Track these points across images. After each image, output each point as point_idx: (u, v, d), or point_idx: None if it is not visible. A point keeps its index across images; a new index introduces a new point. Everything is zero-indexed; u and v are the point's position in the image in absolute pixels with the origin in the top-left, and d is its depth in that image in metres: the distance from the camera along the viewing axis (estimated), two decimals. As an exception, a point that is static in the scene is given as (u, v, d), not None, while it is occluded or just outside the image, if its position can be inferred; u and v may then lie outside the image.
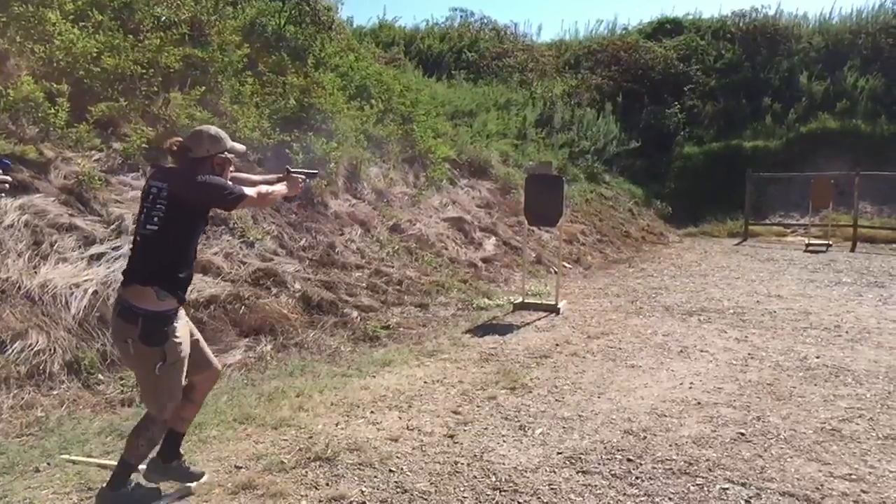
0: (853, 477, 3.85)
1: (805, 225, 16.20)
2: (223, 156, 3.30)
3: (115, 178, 7.00)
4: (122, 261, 5.98)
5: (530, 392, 5.24)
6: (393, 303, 7.79)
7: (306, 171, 3.78)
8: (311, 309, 6.96)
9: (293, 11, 11.49)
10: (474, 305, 8.24)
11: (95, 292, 5.51)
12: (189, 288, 3.39)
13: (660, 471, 3.88)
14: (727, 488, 3.68)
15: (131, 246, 3.33)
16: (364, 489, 3.53)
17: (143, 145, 7.28)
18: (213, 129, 3.31)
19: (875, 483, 3.78)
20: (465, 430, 4.41)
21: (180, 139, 3.30)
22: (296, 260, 7.67)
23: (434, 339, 6.76)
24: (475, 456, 4.00)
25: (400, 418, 4.58)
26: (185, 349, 3.21)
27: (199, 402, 3.59)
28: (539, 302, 8.41)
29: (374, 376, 5.51)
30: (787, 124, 18.58)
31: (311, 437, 4.14)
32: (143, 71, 7.88)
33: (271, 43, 10.89)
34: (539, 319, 7.75)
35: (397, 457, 3.93)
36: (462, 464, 3.88)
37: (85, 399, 4.68)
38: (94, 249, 5.98)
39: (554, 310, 8.10)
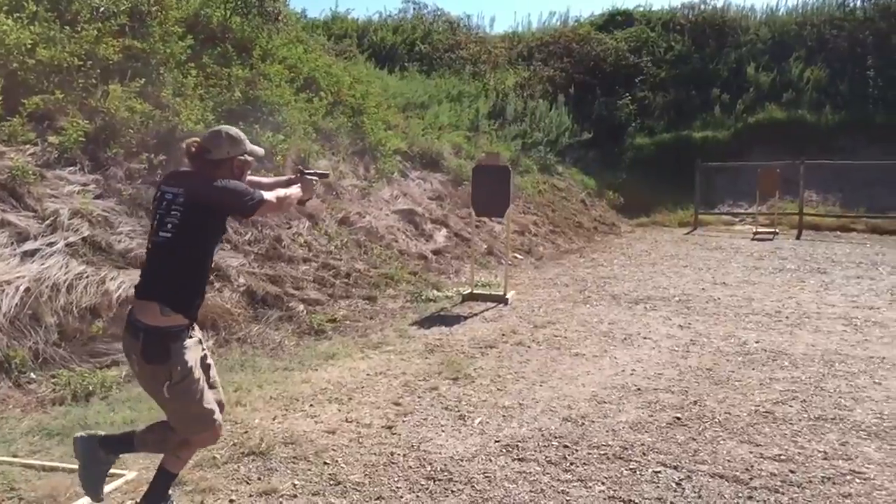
0: (782, 457, 3.93)
1: (753, 214, 16.50)
2: (243, 158, 3.07)
3: (50, 172, 6.82)
4: (57, 256, 5.86)
5: (473, 382, 5.24)
6: (340, 296, 7.74)
7: (318, 172, 3.63)
8: (255, 303, 6.88)
9: (239, 2, 11.31)
10: (423, 297, 8.23)
11: (28, 289, 5.36)
12: (200, 306, 3.09)
13: (595, 456, 3.92)
14: (659, 471, 3.74)
15: (145, 257, 3.09)
16: (296, 482, 3.50)
17: (81, 139, 7.10)
18: (233, 130, 3.08)
19: (803, 463, 3.86)
20: (404, 422, 4.40)
21: (198, 140, 3.06)
22: (241, 254, 7.57)
23: (380, 331, 6.74)
24: (412, 446, 4.00)
25: (339, 411, 4.56)
26: (195, 370, 2.94)
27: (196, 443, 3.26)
28: (487, 293, 8.43)
29: (317, 370, 5.46)
30: (736, 115, 18.88)
31: (246, 432, 4.09)
32: (81, 63, 7.69)
33: (217, 34, 10.71)
34: (487, 310, 7.77)
35: (333, 449, 3.91)
36: (398, 454, 3.87)
37: (15, 398, 4.56)
38: (28, 246, 5.82)
39: (502, 300, 8.13)
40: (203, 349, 3.11)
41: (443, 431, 4.25)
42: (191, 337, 2.97)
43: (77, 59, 7.66)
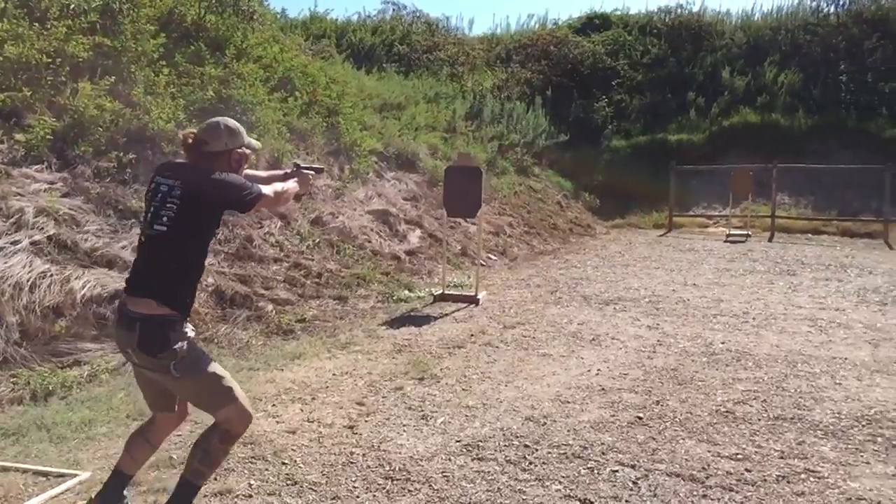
0: (739, 456, 3.98)
1: (726, 216, 16.65)
2: (241, 151, 2.99)
3: (16, 170, 6.74)
4: (20, 255, 5.79)
5: (438, 382, 5.25)
6: (311, 296, 7.72)
7: (315, 166, 3.57)
8: (224, 303, 6.85)
9: (213, 1, 11.25)
10: (395, 298, 8.23)
11: (-11, 288, 5.31)
12: (193, 302, 3.04)
13: (554, 455, 3.94)
14: (617, 470, 3.76)
15: (137, 250, 3.00)
16: (252, 482, 3.50)
17: (48, 136, 7.04)
18: (232, 122, 3.00)
19: (759, 462, 3.91)
20: (366, 421, 4.40)
21: (194, 131, 2.98)
22: (210, 253, 7.50)
23: (349, 331, 6.73)
24: (372, 446, 4.00)
25: (301, 410, 4.55)
26: (199, 346, 2.92)
27: (156, 444, 3.25)
28: (459, 293, 8.45)
29: (282, 369, 5.45)
30: (711, 118, 19.04)
31: (205, 432, 4.07)
32: (50, 60, 7.61)
33: (191, 33, 10.65)
34: (458, 311, 7.79)
35: (292, 449, 3.90)
36: (358, 454, 3.87)
37: (-27, 398, 4.51)
38: (-9, 244, 5.76)
39: (473, 300, 8.15)
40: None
41: (404, 431, 4.26)
42: (186, 330, 2.89)
43: (46, 57, 7.58)
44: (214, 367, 2.93)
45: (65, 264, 6.02)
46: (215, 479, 3.50)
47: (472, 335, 6.70)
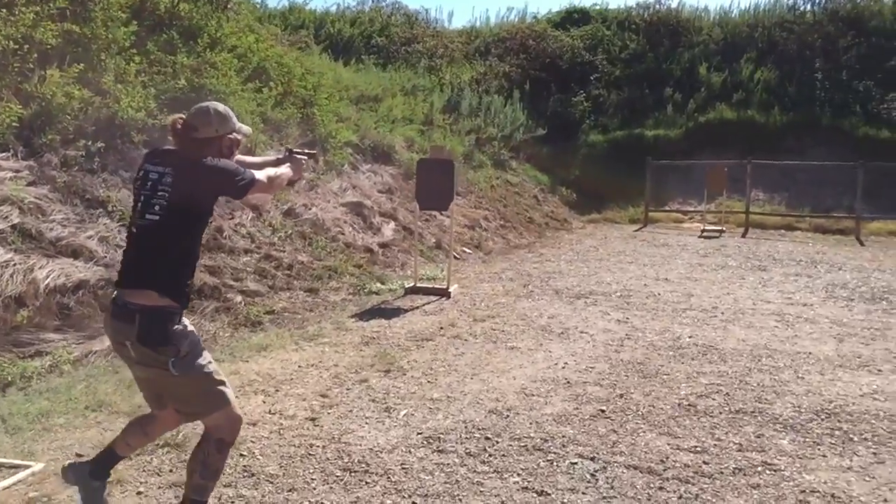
0: (698, 449, 4.01)
1: (701, 212, 16.76)
2: (232, 136, 2.91)
3: (-20, 157, 6.66)
4: (-17, 244, 5.72)
5: (404, 374, 5.25)
6: (281, 287, 7.68)
7: (307, 151, 3.49)
8: (192, 293, 6.79)
9: (187, -11, 11.14)
10: (366, 290, 8.21)
11: (-51, 277, 5.23)
12: (190, 292, 2.95)
13: (514, 448, 3.95)
14: (576, 462, 3.78)
15: (127, 241, 2.90)
16: (210, 474, 3.47)
17: (14, 124, 6.93)
18: (221, 107, 2.92)
19: (717, 454, 3.94)
20: (328, 413, 4.39)
21: (183, 117, 2.88)
22: (179, 244, 7.46)
23: (317, 323, 6.70)
24: (333, 438, 3.99)
25: (264, 402, 4.53)
26: (201, 343, 2.84)
27: (153, 436, 3.23)
28: (431, 286, 8.44)
29: (247, 361, 5.42)
30: (687, 114, 19.12)
31: (164, 423, 4.04)
32: (17, 47, 7.50)
33: (164, 21, 10.54)
34: (429, 303, 7.78)
35: (251, 441, 3.88)
36: (317, 446, 3.86)
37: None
38: (-48, 232, 5.68)
39: (445, 293, 8.15)
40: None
41: (366, 423, 4.25)
42: (184, 324, 2.82)
43: (13, 43, 7.47)
44: (211, 367, 2.85)
45: (29, 254, 5.94)
46: (171, 471, 3.48)
47: (441, 328, 6.70)
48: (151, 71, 9.24)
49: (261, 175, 2.94)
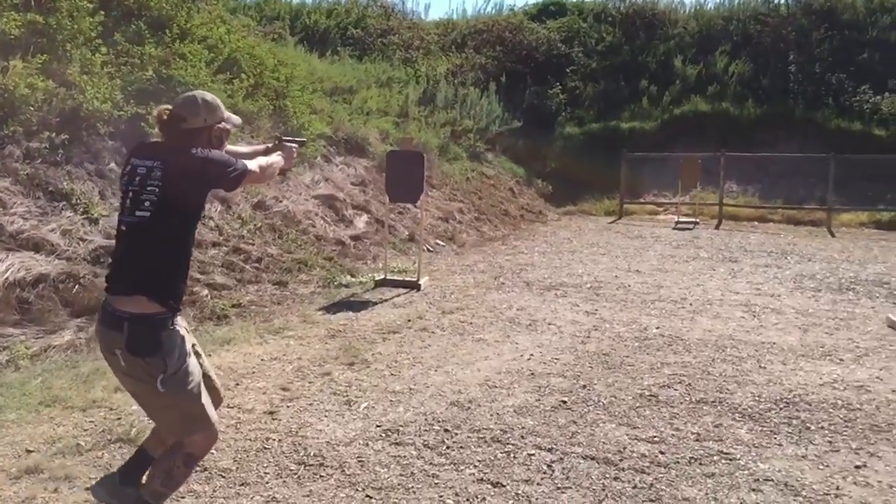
0: (656, 439, 4.02)
1: (676, 203, 16.84)
2: (221, 126, 2.80)
3: (-61, 150, 6.55)
4: (-62, 237, 5.62)
5: (368, 367, 5.23)
6: (249, 281, 7.62)
7: (297, 139, 3.39)
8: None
9: (156, -21, 10.99)
10: (336, 283, 8.17)
11: None
12: (184, 292, 2.81)
13: (473, 440, 3.94)
14: (533, 454, 3.78)
15: (116, 240, 2.75)
16: (161, 468, 3.43)
17: (-26, 115, 6.83)
18: (209, 96, 2.80)
19: (675, 444, 3.96)
20: (288, 407, 4.36)
21: (169, 107, 2.76)
22: (145, 237, 7.38)
23: (284, 316, 6.66)
24: (290, 432, 3.96)
25: (223, 396, 4.48)
26: (191, 357, 2.70)
27: None
28: (401, 279, 8.41)
29: (210, 355, 5.32)
30: (663, 106, 19.19)
31: (119, 419, 3.99)
32: (-22, 38, 7.39)
33: (132, 11, 10.41)
34: (398, 296, 7.76)
35: (207, 435, 3.84)
36: (273, 440, 3.83)
37: None
38: None
39: (415, 286, 8.13)
40: (192, 341, 2.85)
41: (326, 416, 4.23)
42: (176, 325, 2.68)
43: (-26, 34, 7.35)
44: (195, 381, 2.71)
45: (-13, 247, 5.85)
46: (122, 465, 3.44)
47: (409, 320, 6.68)
48: (118, 62, 9.12)
49: (253, 165, 2.85)
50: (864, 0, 20.21)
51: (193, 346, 2.86)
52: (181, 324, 2.73)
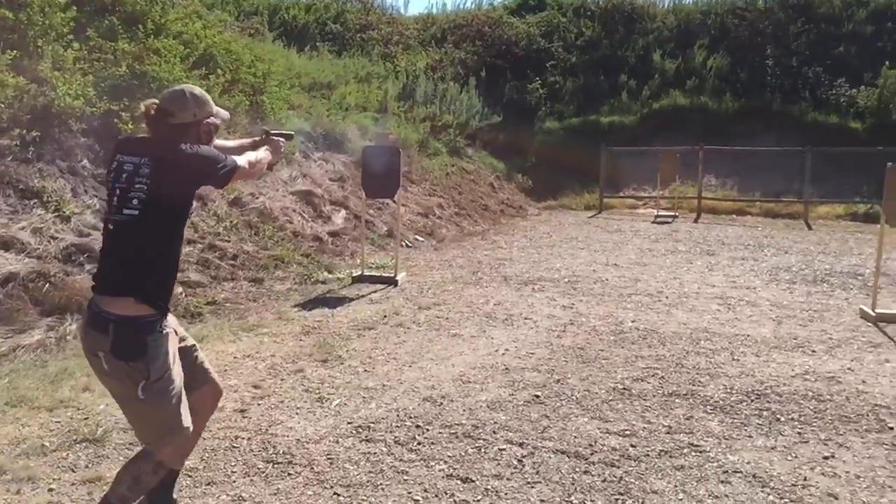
0: (627, 433, 4.03)
1: (655, 197, 16.91)
2: (210, 121, 2.75)
3: None
4: None
5: (342, 364, 5.20)
6: (225, 278, 7.57)
7: (284, 132, 3.36)
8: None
9: (130, -25, 10.88)
10: (312, 279, 8.13)
11: None
12: (171, 295, 2.75)
13: (444, 435, 3.93)
14: (504, 449, 3.78)
15: (103, 240, 2.68)
16: (127, 469, 3.40)
17: (-59, 112, 6.73)
18: (197, 90, 2.75)
19: (646, 437, 3.97)
20: (259, 405, 4.33)
21: (157, 102, 2.70)
22: (118, 235, 7.30)
23: (259, 313, 6.62)
24: (260, 430, 3.93)
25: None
26: (175, 365, 2.63)
27: (199, 430, 2.97)
28: (378, 274, 8.39)
29: (182, 353, 5.32)
30: (642, 100, 19.26)
31: (86, 419, 3.95)
32: (-55, 33, 7.27)
33: (106, 7, 10.30)
34: (375, 292, 7.73)
35: (175, 434, 3.81)
36: (243, 438, 3.80)
37: None
38: None
39: (392, 282, 8.10)
40: (182, 336, 2.81)
41: (297, 414, 4.20)
42: (166, 328, 2.62)
43: (-59, 30, 7.24)
44: (177, 388, 2.64)
45: (-46, 246, 5.77)
46: (87, 466, 3.40)
47: (384, 316, 6.65)
48: (91, 58, 9.02)
49: (242, 160, 2.80)
50: (840, -7, 20.37)
51: (185, 339, 2.83)
52: (171, 324, 2.68)
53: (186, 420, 2.71)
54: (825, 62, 18.64)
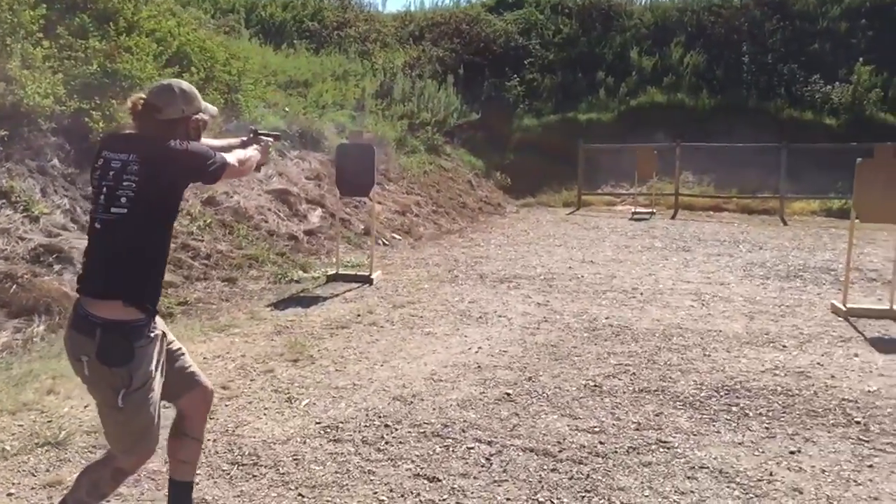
0: (597, 429, 4.03)
1: (633, 194, 16.97)
2: (199, 117, 2.67)
3: None
4: None
5: (313, 363, 5.17)
6: (198, 278, 7.50)
7: (272, 132, 3.29)
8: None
9: (101, -29, 10.75)
10: (287, 279, 8.07)
11: None
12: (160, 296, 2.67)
13: (413, 434, 3.91)
14: (473, 447, 3.76)
15: (89, 239, 2.60)
16: (89, 472, 3.35)
17: None
18: (185, 84, 2.68)
19: (615, 434, 3.97)
20: (226, 406, 4.28)
21: (143, 96, 2.61)
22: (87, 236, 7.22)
23: (231, 313, 6.56)
24: (226, 431, 3.90)
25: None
26: (157, 376, 2.56)
27: (200, 435, 2.90)
28: (353, 273, 8.35)
29: (151, 354, 5.26)
30: (619, 97, 19.35)
31: (49, 422, 3.89)
32: (-90, 31, 7.15)
33: (77, 4, 10.17)
34: (349, 291, 7.69)
35: (140, 436, 3.76)
36: (208, 440, 3.74)
37: None
38: None
39: (367, 280, 8.07)
40: (169, 339, 2.71)
41: (265, 414, 4.16)
42: (154, 330, 2.55)
43: None
44: (157, 408, 2.60)
45: (-82, 247, 5.68)
46: (47, 470, 3.35)
47: (358, 315, 6.62)
48: (61, 56, 8.91)
49: (231, 158, 2.73)
50: (814, -9, 20.55)
51: (172, 342, 2.75)
52: (159, 326, 2.61)
53: (157, 433, 2.66)
54: (800, 59, 18.81)
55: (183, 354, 2.82)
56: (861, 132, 15.72)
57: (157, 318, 2.60)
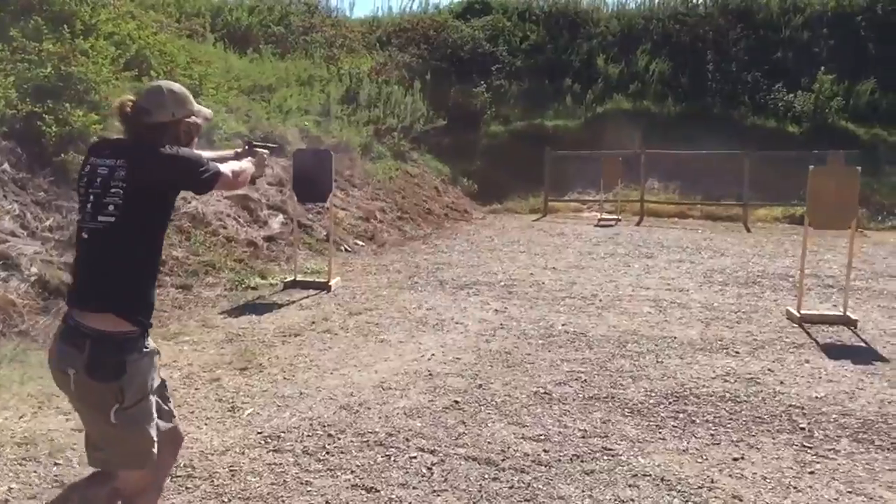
0: (542, 437, 4.00)
1: (599, 201, 17.04)
2: (190, 121, 2.55)
3: None
4: None
5: (261, 372, 5.09)
6: (151, 285, 7.37)
7: (268, 144, 3.18)
8: (47, 294, 6.43)
9: (58, -26, 10.57)
10: (244, 286, 7.97)
11: None
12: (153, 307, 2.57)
13: (355, 444, 3.85)
14: (415, 456, 3.72)
15: (77, 249, 2.50)
16: (14, 485, 3.25)
17: None
18: (177, 86, 2.58)
19: (560, 442, 3.94)
20: (166, 415, 4.18)
21: (133, 98, 2.50)
22: (38, 241, 7.06)
23: (182, 321, 6.45)
24: (163, 442, 3.80)
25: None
26: (152, 392, 2.46)
27: (161, 481, 2.75)
28: (311, 280, 8.26)
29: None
30: (586, 104, 19.42)
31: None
32: None
33: (32, 6, 9.99)
34: (306, 298, 7.61)
35: (72, 448, 3.65)
36: (143, 451, 3.66)
37: None
38: None
39: (325, 287, 7.99)
40: (157, 357, 2.58)
41: (206, 425, 4.08)
42: (147, 347, 2.45)
43: None
44: (153, 425, 2.48)
45: None
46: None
47: (313, 322, 6.54)
48: (14, 59, 8.74)
49: (225, 168, 2.60)
50: (778, 0, 20.80)
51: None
52: (151, 343, 2.50)
53: (156, 449, 2.50)
54: (763, 67, 19.04)
55: (165, 389, 2.72)
56: (823, 140, 15.93)
57: (149, 340, 2.49)
